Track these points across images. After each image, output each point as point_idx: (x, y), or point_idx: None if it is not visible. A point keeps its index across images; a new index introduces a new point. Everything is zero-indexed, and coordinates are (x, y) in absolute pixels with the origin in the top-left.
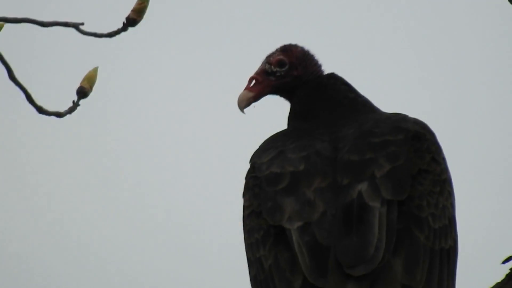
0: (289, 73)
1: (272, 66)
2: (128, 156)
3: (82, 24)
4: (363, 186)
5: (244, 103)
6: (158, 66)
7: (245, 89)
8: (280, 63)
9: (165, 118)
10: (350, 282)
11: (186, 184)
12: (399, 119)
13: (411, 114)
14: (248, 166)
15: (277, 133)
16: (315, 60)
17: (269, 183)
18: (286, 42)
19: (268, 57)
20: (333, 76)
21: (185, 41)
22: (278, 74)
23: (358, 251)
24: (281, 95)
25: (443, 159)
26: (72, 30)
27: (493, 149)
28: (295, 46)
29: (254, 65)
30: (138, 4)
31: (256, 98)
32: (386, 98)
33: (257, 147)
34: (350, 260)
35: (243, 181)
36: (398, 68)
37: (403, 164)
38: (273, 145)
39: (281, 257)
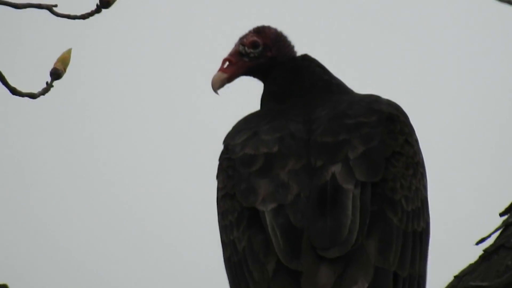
0: (263, 54)
1: (246, 48)
2: (102, 137)
3: (56, 6)
4: (336, 168)
5: (217, 85)
6: (132, 48)
7: (219, 70)
8: (254, 44)
9: (139, 100)
10: (323, 264)
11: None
12: (373, 100)
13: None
14: (221, 147)
15: (250, 114)
16: (288, 41)
17: (243, 164)
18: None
19: (242, 38)
20: (307, 58)
21: (159, 22)
22: (252, 55)
23: (332, 234)
24: (254, 76)
25: (416, 141)
26: (45, 12)
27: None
28: (268, 27)
29: (227, 46)
30: None
31: (230, 79)
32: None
33: (231, 128)
34: (323, 242)
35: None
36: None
37: (377, 146)
38: (246, 126)
39: (255, 239)
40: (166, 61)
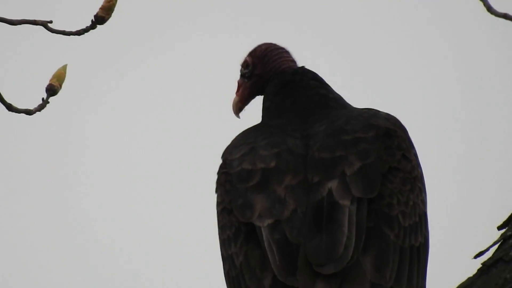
0: (253, 72)
1: (242, 68)
2: (98, 152)
3: (51, 22)
4: (333, 184)
5: (234, 109)
6: (127, 64)
7: (235, 93)
8: (245, 65)
9: (134, 116)
10: (319, 281)
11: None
12: (371, 115)
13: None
14: (219, 161)
15: (248, 129)
16: (279, 55)
17: (240, 179)
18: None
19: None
20: (300, 72)
21: (156, 36)
22: (246, 75)
23: (328, 250)
24: (261, 95)
25: (414, 155)
26: (40, 28)
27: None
28: (260, 45)
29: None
30: (106, 2)
31: (242, 102)
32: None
33: (229, 142)
34: (319, 258)
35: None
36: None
37: (373, 162)
38: (244, 141)
39: (251, 255)
40: (163, 75)
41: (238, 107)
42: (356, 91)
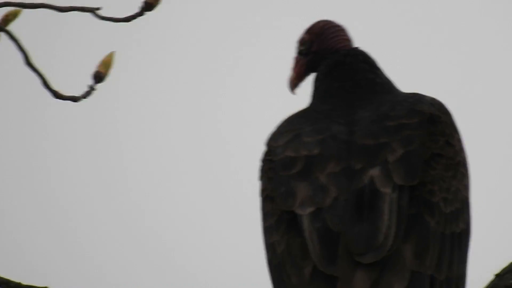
0: (310, 50)
1: (299, 45)
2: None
3: (99, 9)
4: (375, 171)
5: (290, 85)
6: (176, 52)
7: (292, 70)
8: (302, 41)
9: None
10: (359, 270)
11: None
12: (415, 100)
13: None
14: (264, 148)
15: (293, 114)
16: (335, 34)
17: (283, 167)
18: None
19: None
20: (351, 53)
21: (204, 24)
22: (303, 52)
23: (368, 238)
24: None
25: (458, 140)
26: (88, 15)
27: None
28: (318, 22)
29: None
30: None
31: (298, 78)
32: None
33: (274, 128)
34: (360, 247)
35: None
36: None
37: (416, 149)
38: (289, 128)
39: (293, 243)
40: (210, 64)
41: (294, 83)
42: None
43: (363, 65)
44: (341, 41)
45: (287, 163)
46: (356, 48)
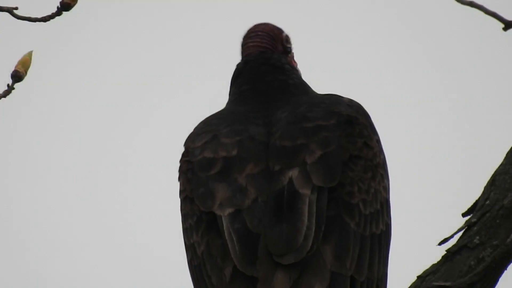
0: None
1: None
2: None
3: (16, 8)
4: (294, 173)
5: None
6: (92, 51)
7: None
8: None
9: (99, 103)
10: (279, 270)
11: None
12: (333, 102)
13: None
14: (182, 149)
15: (211, 116)
16: (245, 41)
17: (201, 168)
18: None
19: None
20: (251, 59)
21: (122, 25)
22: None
23: (288, 240)
24: None
25: (377, 141)
26: (6, 14)
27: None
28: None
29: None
30: None
31: None
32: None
33: (192, 130)
34: (279, 248)
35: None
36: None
37: (334, 150)
38: (207, 129)
39: (213, 244)
40: (129, 62)
41: None
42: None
43: (266, 67)
44: (247, 48)
45: (206, 164)
46: (260, 53)
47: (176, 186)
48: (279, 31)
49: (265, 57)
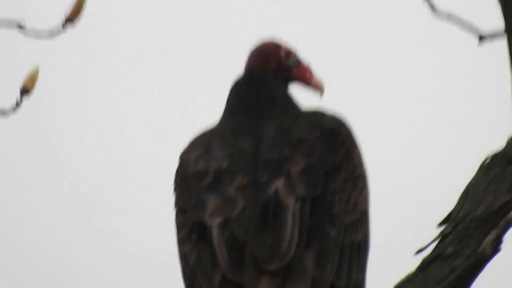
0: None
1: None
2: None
3: (24, 26)
4: (279, 183)
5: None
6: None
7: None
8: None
9: (107, 115)
10: (264, 277)
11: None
12: (317, 116)
13: None
14: (177, 162)
15: (205, 130)
16: (248, 59)
17: (194, 180)
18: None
19: None
20: (246, 76)
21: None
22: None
23: (272, 247)
24: None
25: (358, 154)
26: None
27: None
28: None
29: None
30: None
31: None
32: None
33: (186, 143)
34: (264, 255)
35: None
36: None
37: (317, 162)
38: (200, 143)
39: (203, 253)
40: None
41: None
42: None
43: (253, 85)
44: (247, 66)
45: (198, 177)
46: (250, 72)
47: (171, 197)
48: (276, 49)
49: (254, 76)
